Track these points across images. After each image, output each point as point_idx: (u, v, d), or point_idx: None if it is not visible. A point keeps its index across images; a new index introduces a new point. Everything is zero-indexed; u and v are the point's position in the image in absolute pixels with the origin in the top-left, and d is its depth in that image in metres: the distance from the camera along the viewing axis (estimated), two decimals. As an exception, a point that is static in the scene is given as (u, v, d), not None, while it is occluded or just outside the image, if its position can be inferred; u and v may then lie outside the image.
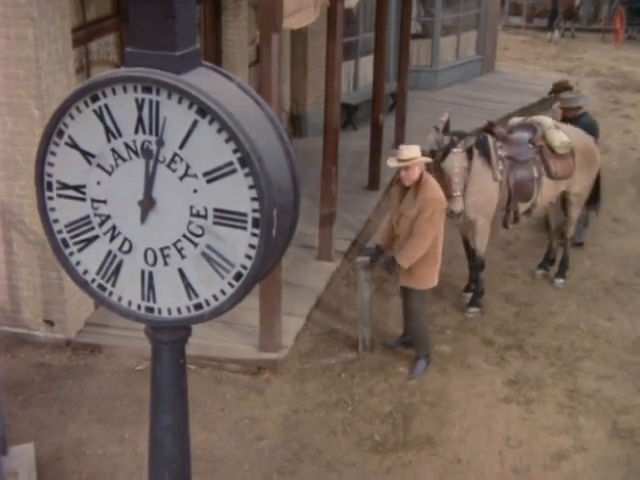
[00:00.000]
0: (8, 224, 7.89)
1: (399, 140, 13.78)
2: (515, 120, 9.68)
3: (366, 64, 15.16)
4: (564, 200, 9.49)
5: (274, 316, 7.81)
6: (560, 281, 9.76)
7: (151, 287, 2.79)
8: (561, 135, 9.00)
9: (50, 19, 7.18)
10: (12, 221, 7.86)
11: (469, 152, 8.25)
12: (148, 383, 3.04)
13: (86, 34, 8.36)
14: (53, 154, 2.78)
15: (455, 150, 8.12)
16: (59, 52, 7.40)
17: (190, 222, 2.67)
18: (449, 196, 7.98)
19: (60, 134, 2.74)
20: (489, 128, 8.83)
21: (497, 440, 7.02)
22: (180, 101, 2.55)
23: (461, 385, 7.79)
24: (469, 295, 9.25)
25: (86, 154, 2.73)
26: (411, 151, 7.26)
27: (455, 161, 8.11)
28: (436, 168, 7.93)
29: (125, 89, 2.61)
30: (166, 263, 2.74)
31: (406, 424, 7.19)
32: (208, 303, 2.74)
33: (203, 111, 2.54)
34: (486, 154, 8.47)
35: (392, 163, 7.39)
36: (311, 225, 9.81)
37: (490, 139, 8.59)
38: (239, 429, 7.07)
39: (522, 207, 8.98)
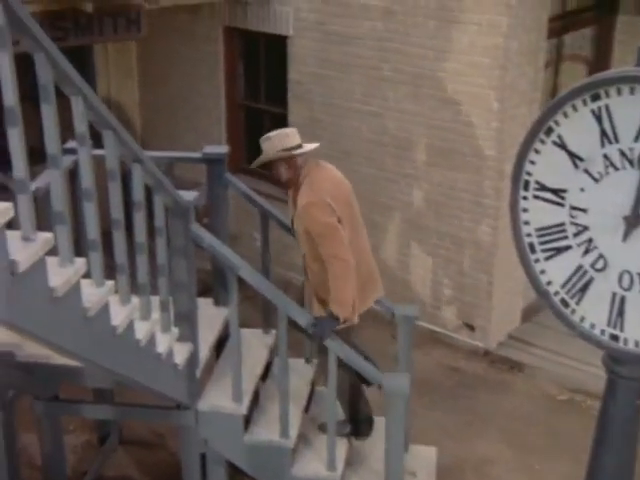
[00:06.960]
0: (441, 217, 8.13)
1: None
2: None
3: None
4: None
5: None
6: None
7: (620, 313, 2.72)
8: None
9: (529, 7, 7.26)
10: (446, 215, 8.07)
11: None
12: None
13: (562, 25, 8.30)
14: (537, 152, 2.79)
15: None
16: (531, 43, 7.45)
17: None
18: None
19: (549, 132, 2.75)
20: None
21: None
22: None
23: None
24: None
25: (574, 156, 2.71)
26: None
27: None
28: None
29: (632, 90, 2.55)
30: (643, 290, 2.65)
31: None
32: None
33: None
34: None
35: None
36: None
37: None
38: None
39: None
